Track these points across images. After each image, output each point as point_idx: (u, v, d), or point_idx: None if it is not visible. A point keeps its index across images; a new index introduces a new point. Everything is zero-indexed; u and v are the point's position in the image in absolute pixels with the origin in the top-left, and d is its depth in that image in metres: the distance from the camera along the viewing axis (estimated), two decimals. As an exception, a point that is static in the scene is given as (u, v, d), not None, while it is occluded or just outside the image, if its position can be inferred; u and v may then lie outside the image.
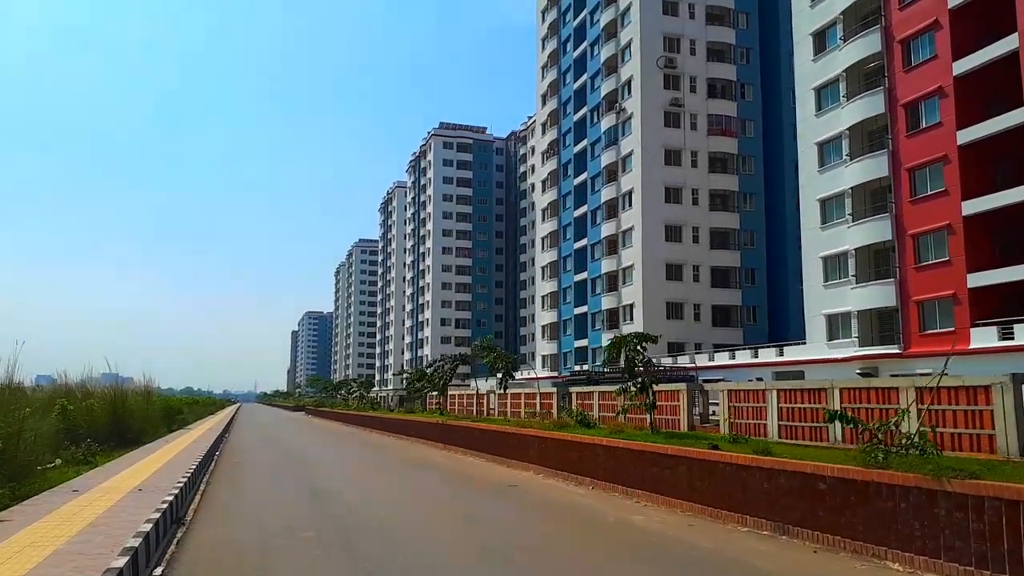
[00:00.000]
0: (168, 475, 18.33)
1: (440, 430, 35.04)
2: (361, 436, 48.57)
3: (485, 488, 21.36)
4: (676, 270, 67.14)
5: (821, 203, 47.78)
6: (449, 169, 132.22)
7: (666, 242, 67.00)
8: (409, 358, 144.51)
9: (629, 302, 67.94)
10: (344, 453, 35.54)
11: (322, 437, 48.84)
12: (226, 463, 28.05)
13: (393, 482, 23.13)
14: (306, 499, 18.28)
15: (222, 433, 45.11)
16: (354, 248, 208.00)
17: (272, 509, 16.63)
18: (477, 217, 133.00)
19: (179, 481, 16.86)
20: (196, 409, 75.94)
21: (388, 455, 34.00)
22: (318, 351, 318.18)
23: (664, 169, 67.69)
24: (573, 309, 78.76)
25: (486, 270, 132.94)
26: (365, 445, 39.01)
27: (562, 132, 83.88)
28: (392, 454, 34.59)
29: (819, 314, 47.58)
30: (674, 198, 67.83)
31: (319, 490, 20.00)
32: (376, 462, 30.69)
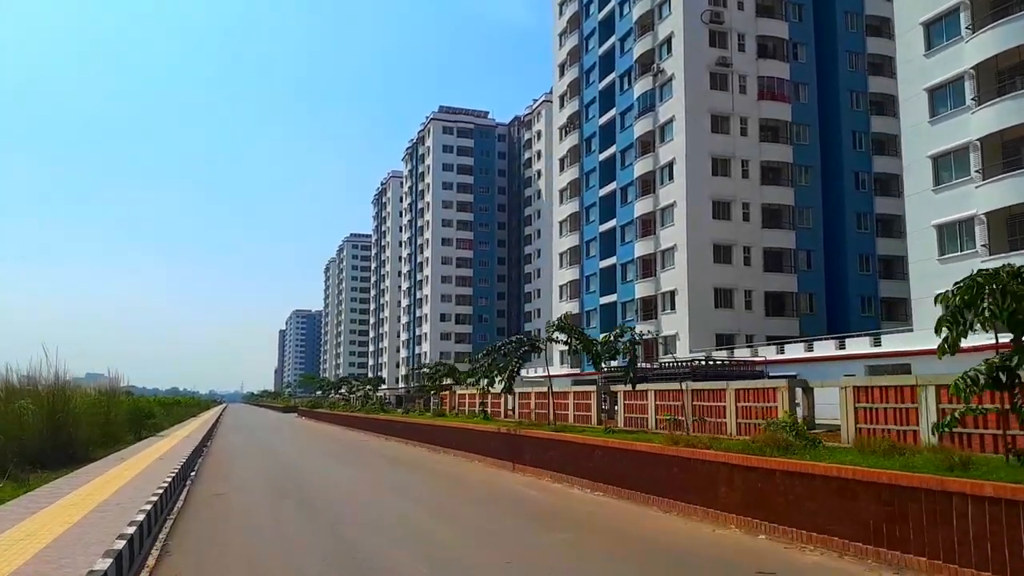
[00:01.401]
0: (98, 527, 8.98)
1: (507, 443, 25.31)
2: (378, 446, 38.42)
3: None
4: (725, 252, 58.12)
5: (934, 160, 38.79)
6: (449, 156, 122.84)
7: (714, 220, 57.99)
8: (405, 356, 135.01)
9: (669, 288, 58.81)
10: (372, 476, 24.53)
11: (328, 447, 39.13)
12: (201, 497, 18.56)
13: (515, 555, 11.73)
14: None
15: (202, 442, 35.61)
16: (345, 243, 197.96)
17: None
18: (479, 207, 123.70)
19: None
20: (176, 411, 66.25)
21: (452, 484, 21.97)
22: (306, 351, 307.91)
23: (711, 137, 58.70)
24: (599, 299, 69.59)
25: (488, 263, 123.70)
26: (396, 463, 28.80)
27: (584, 103, 74.64)
28: (453, 482, 22.50)
29: (932, 295, 38.48)
30: (722, 170, 58.85)
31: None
32: (439, 498, 18.99)
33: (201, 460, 29.34)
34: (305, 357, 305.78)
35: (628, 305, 64.62)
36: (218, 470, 25.37)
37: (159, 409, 58.61)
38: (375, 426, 46.18)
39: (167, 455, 25.48)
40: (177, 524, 14.47)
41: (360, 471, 25.67)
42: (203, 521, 14.85)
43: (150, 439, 35.51)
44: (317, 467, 26.68)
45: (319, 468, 26.26)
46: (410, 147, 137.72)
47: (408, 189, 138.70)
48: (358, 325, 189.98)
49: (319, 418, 72.20)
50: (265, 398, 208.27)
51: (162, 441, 34.13)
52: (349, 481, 22.33)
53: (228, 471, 25.19)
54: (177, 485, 18.87)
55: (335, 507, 16.52)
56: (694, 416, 21.15)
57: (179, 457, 24.15)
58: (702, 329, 56.45)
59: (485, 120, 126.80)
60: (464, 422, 31.85)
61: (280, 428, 61.27)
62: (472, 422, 31.36)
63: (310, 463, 28.50)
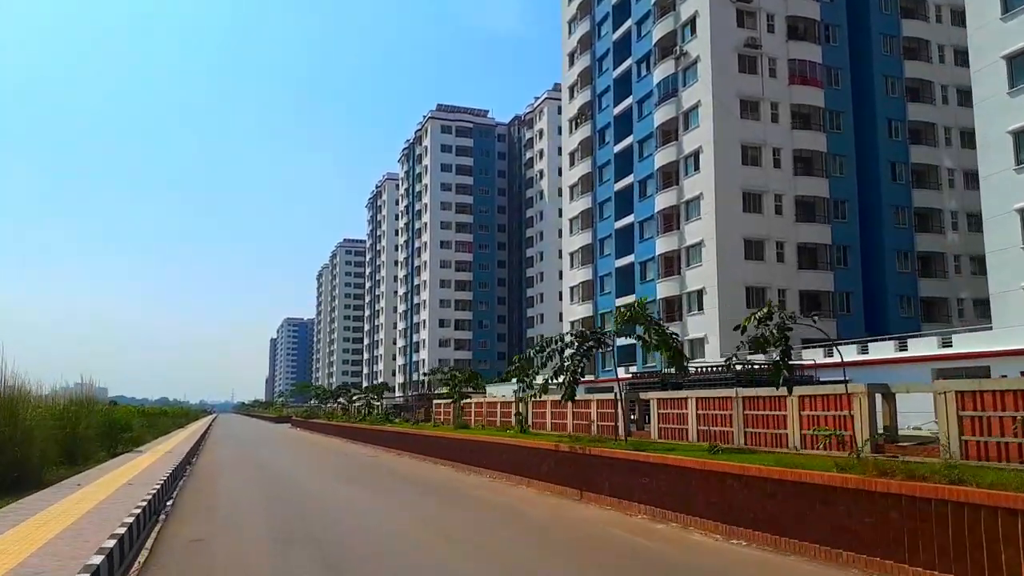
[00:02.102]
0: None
1: (569, 464, 19.65)
2: (393, 464, 32.73)
3: None
4: (757, 247, 53.45)
5: (1015, 136, 34.24)
6: (448, 156, 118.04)
7: (744, 213, 53.37)
8: (402, 363, 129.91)
9: (696, 287, 54.06)
10: (403, 509, 18.43)
11: (334, 464, 33.81)
12: (173, 546, 13.41)
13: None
14: None
15: (186, 458, 30.56)
16: (338, 248, 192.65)
17: None
18: (478, 209, 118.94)
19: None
20: (161, 422, 60.97)
21: (515, 523, 16.15)
22: (298, 359, 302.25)
23: (740, 124, 54.13)
24: (614, 300, 64.72)
25: (488, 266, 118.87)
26: (425, 489, 22.66)
27: (597, 93, 69.96)
28: (513, 519, 16.65)
29: (1018, 287, 33.86)
30: (752, 159, 54.28)
31: None
32: (510, 546, 13.32)
33: (182, 483, 24.26)
34: (297, 366, 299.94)
35: (648, 306, 59.70)
36: (201, 499, 20.31)
37: (141, 420, 53.49)
38: (383, 439, 40.85)
39: (139, 478, 20.49)
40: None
41: (383, 500, 20.42)
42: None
43: (126, 455, 30.47)
44: (327, 495, 21.53)
45: (330, 496, 21.13)
46: (407, 148, 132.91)
47: (405, 191, 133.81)
48: (352, 333, 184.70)
49: (316, 429, 66.83)
50: (256, 408, 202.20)
51: (139, 458, 29.09)
52: (374, 516, 17.15)
53: (214, 500, 20.14)
54: (143, 525, 13.89)
55: (366, 566, 11.50)
56: (747, 427, 18.26)
57: (153, 481, 19.16)
58: (734, 331, 51.61)
59: (485, 119, 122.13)
60: (499, 436, 26.80)
61: (274, 440, 56.12)
62: (508, 436, 26.34)
63: (317, 488, 23.37)
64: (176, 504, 19.11)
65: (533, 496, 20.44)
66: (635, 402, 25.16)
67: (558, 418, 31.12)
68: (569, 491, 19.71)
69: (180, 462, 27.20)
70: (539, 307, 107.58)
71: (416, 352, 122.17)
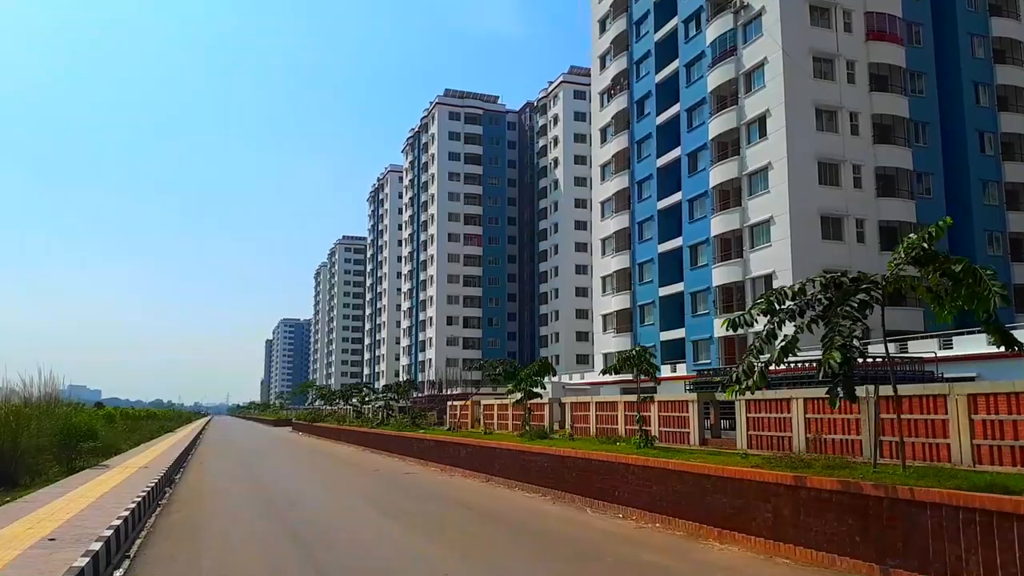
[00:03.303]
0: None
1: (782, 499, 11.80)
2: (444, 486, 23.92)
3: None
4: (835, 225, 45.88)
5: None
6: (456, 144, 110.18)
7: (820, 186, 45.79)
8: (406, 363, 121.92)
9: (763, 271, 46.39)
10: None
11: (361, 485, 25.11)
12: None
13: None
14: None
15: (165, 477, 22.67)
16: (337, 246, 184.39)
17: None
18: (488, 199, 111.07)
19: None
20: (146, 426, 53.00)
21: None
22: (294, 361, 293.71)
23: (813, 83, 46.56)
24: (657, 290, 56.98)
25: (498, 260, 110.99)
26: (544, 545, 13.52)
27: (634, 59, 62.13)
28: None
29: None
30: (827, 124, 46.71)
31: None
32: None
33: (153, 521, 16.35)
34: (293, 368, 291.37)
35: (701, 295, 52.11)
36: (177, 560, 12.38)
37: (124, 424, 45.47)
38: (418, 449, 32.17)
39: (79, 517, 12.71)
40: None
41: (480, 569, 12.26)
42: None
43: (87, 472, 22.70)
44: (372, 545, 13.71)
45: (379, 548, 13.31)
46: (411, 136, 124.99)
47: (410, 182, 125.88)
48: (351, 333, 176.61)
49: (324, 434, 58.26)
50: (253, 410, 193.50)
51: (103, 475, 21.31)
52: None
53: (198, 563, 12.25)
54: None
55: None
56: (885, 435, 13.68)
57: (94, 530, 11.36)
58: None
59: (495, 105, 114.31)
60: (602, 449, 18.86)
61: (277, 448, 47.94)
62: (621, 450, 18.44)
63: (354, 530, 15.45)
64: (136, 568, 11.21)
65: (711, 553, 12.53)
66: (710, 404, 20.98)
67: (604, 422, 25.88)
68: (758, 540, 11.95)
69: (154, 486, 19.29)
70: (553, 303, 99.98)
71: (422, 351, 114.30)
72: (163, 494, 21.00)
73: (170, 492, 21.86)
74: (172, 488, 23.15)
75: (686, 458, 15.55)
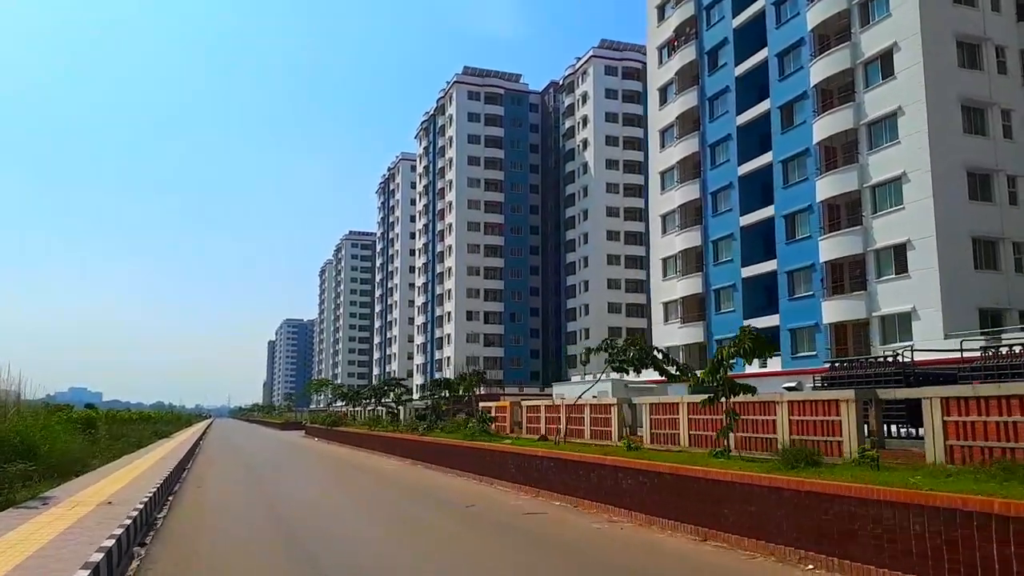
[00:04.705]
0: None
1: None
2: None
3: None
4: (982, 184, 36.67)
5: None
6: (475, 126, 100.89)
7: (965, 135, 36.59)
8: (421, 362, 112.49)
9: (893, 240, 37.07)
10: None
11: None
12: None
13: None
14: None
15: (127, 536, 13.45)
16: (343, 241, 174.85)
17: None
18: (510, 186, 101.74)
19: None
20: (136, 432, 43.57)
21: None
22: (297, 362, 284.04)
23: (951, 9, 37.43)
24: (739, 270, 47.72)
25: (521, 251, 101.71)
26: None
27: (703, 4, 52.88)
28: None
29: None
30: (969, 59, 37.52)
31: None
32: None
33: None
34: (296, 369, 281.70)
35: (801, 274, 42.79)
36: None
37: (106, 430, 36.13)
38: (494, 466, 22.12)
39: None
40: None
41: None
42: None
43: (10, 513, 13.34)
44: None
45: None
46: (425, 120, 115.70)
47: (424, 169, 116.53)
48: (359, 332, 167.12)
49: (346, 440, 47.67)
50: (257, 412, 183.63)
51: (23, 528, 11.85)
52: None
53: None
54: None
55: None
56: None
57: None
58: (957, 302, 34.84)
59: (517, 84, 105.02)
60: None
61: (297, 460, 38.05)
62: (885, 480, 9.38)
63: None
64: None
65: None
66: (870, 404, 15.99)
67: (698, 427, 18.65)
68: None
69: (97, 565, 9.90)
70: (582, 297, 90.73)
71: (439, 349, 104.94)
72: (128, 560, 11.63)
73: (142, 556, 12.47)
74: (151, 540, 13.79)
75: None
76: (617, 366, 19.67)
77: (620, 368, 19.65)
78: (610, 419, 27.28)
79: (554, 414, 30.55)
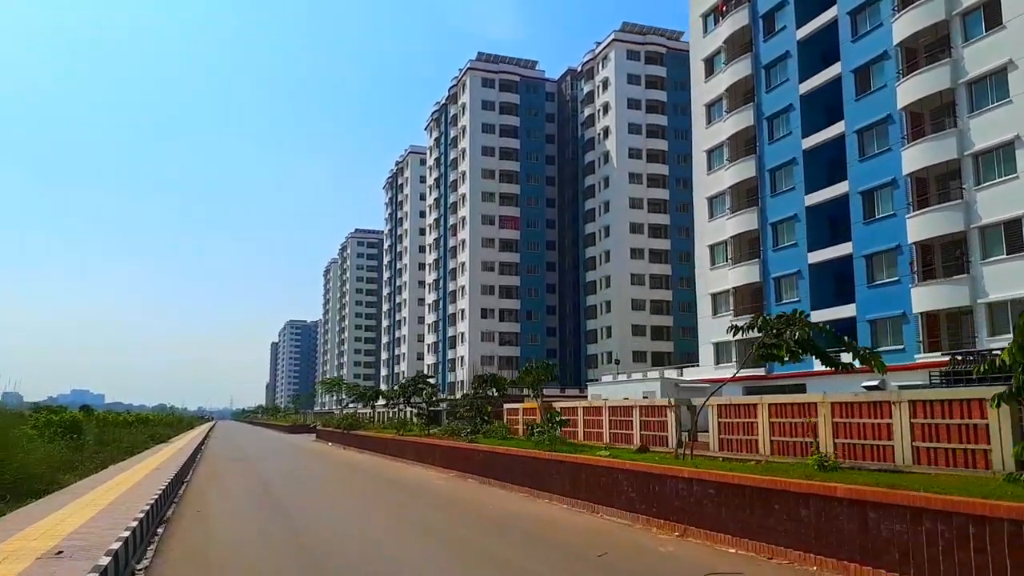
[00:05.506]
0: None
1: None
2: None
3: None
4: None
5: None
6: (489, 114, 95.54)
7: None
8: (432, 362, 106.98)
9: (1002, 215, 31.78)
10: None
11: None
12: None
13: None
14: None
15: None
16: (349, 240, 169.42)
17: None
18: (526, 177, 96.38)
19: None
20: (128, 437, 38.44)
21: None
22: (301, 363, 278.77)
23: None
24: (805, 255, 42.36)
25: (537, 246, 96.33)
26: None
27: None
28: None
29: None
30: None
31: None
32: None
33: None
34: (300, 371, 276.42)
35: (884, 258, 37.40)
36: None
37: (93, 435, 30.93)
38: (596, 490, 16.39)
39: None
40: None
41: None
42: None
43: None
44: None
45: None
46: (436, 111, 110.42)
47: (435, 161, 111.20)
48: (365, 332, 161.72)
49: (368, 446, 41.59)
50: (260, 414, 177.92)
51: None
52: None
53: None
54: None
55: None
56: None
57: None
58: None
59: (532, 71, 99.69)
60: None
61: (330, 473, 31.50)
62: None
63: None
64: None
65: None
66: None
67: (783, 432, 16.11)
68: None
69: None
70: (604, 293, 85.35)
71: (452, 348, 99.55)
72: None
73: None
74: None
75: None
76: (765, 352, 14.27)
77: (768, 355, 14.27)
78: (666, 422, 22.62)
79: (596, 416, 25.80)
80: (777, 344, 14.08)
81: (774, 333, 14.00)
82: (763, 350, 14.20)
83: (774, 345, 14.12)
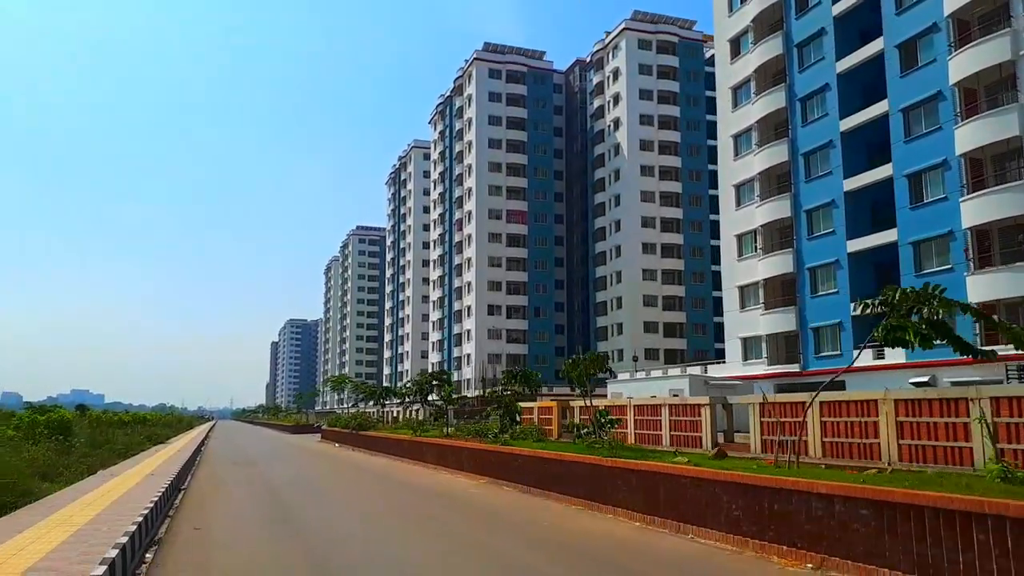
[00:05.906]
0: None
1: None
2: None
3: None
4: None
5: None
6: (496, 106, 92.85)
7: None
8: (437, 360, 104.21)
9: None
10: None
11: None
12: None
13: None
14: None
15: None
16: (351, 237, 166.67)
17: None
18: (533, 171, 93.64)
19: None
20: (122, 438, 35.79)
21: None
22: (301, 363, 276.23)
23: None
24: (844, 243, 39.66)
25: (546, 241, 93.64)
26: None
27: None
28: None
29: None
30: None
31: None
32: None
33: None
34: (300, 370, 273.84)
35: (934, 245, 34.71)
36: None
37: (85, 435, 28.27)
38: (756, 517, 11.63)
39: None
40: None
41: None
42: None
43: None
44: None
45: None
46: (441, 103, 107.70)
47: (440, 155, 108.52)
48: (367, 331, 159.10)
49: (384, 449, 37.34)
50: (261, 414, 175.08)
51: None
52: None
53: None
54: None
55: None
56: None
57: None
58: None
59: (540, 62, 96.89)
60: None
61: (347, 479, 28.36)
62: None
63: None
64: None
65: None
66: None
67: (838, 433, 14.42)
68: None
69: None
70: (614, 289, 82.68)
71: (457, 346, 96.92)
72: None
73: None
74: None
75: None
76: (893, 337, 11.62)
77: (897, 341, 11.63)
78: (700, 422, 20.88)
79: (620, 416, 23.46)
80: (902, 326, 11.40)
81: (904, 311, 11.31)
82: (889, 333, 11.51)
83: (898, 328, 11.43)
